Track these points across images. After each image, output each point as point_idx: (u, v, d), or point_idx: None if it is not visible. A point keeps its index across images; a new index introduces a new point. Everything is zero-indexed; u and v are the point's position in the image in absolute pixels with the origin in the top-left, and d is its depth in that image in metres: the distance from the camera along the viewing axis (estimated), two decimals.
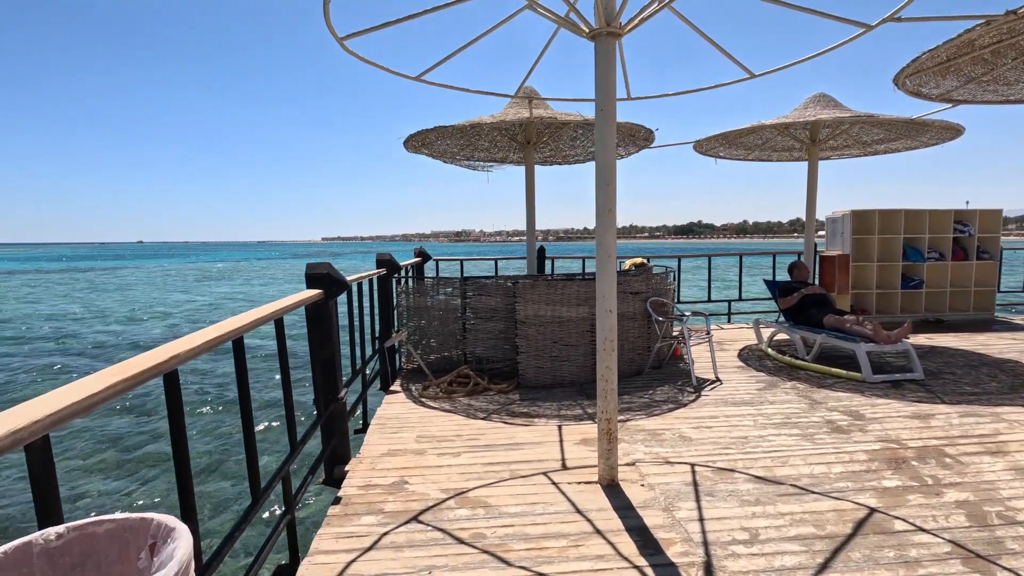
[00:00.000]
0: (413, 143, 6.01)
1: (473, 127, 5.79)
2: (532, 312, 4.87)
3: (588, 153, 7.08)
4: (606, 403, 2.92)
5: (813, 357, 5.53)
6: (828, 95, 6.26)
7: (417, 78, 3.68)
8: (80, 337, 15.09)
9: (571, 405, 4.36)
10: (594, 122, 5.32)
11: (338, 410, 3.23)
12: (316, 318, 3.10)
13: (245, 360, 2.16)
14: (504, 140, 6.82)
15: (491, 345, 5.28)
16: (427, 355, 5.51)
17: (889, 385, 4.76)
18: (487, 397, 4.65)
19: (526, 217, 6.26)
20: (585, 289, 4.90)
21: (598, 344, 2.91)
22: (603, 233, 2.82)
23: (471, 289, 5.28)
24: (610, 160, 2.81)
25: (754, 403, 4.35)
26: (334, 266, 3.23)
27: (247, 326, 2.13)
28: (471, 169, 7.48)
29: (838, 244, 7.93)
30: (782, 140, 7.33)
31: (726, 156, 7.68)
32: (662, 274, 5.56)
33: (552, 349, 4.91)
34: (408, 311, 5.57)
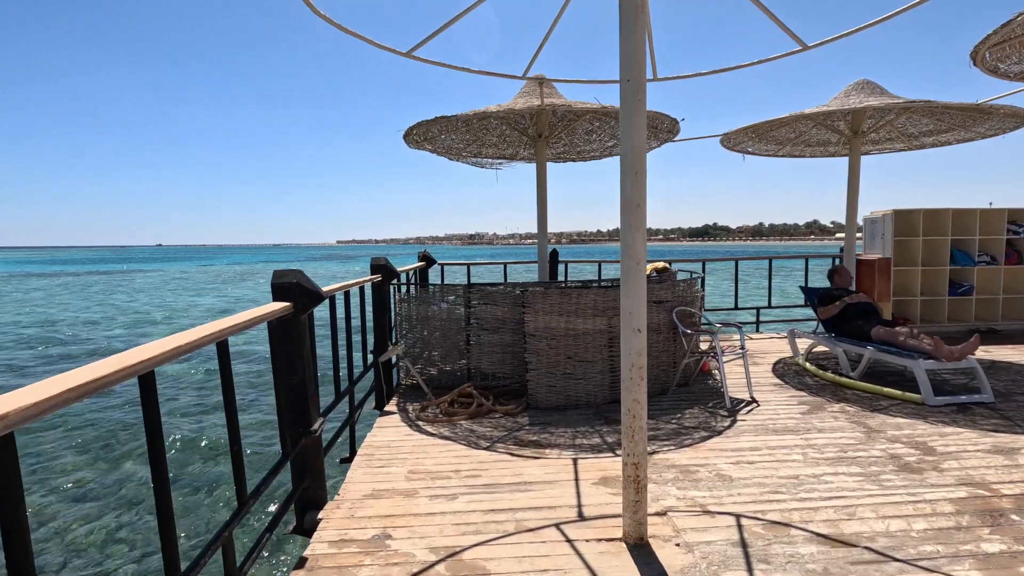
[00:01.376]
0: (415, 137, 5.50)
1: (479, 118, 5.27)
2: (543, 324, 4.32)
3: (605, 148, 6.53)
4: (634, 444, 2.36)
5: (860, 374, 4.91)
6: (872, 82, 5.65)
7: (407, 54, 3.17)
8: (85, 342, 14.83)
9: (587, 432, 3.80)
10: (614, 109, 4.79)
11: (310, 446, 2.72)
12: (283, 336, 2.59)
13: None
14: (513, 134, 6.29)
15: (497, 360, 4.75)
16: (427, 369, 4.99)
17: (954, 409, 4.13)
18: (492, 420, 4.11)
19: (538, 218, 5.72)
20: (603, 298, 4.35)
21: (623, 370, 2.36)
22: (630, 234, 2.27)
23: (476, 297, 4.76)
24: (639, 144, 2.26)
25: (800, 430, 3.76)
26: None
27: (168, 353, 1.61)
28: (478, 167, 6.97)
29: (878, 247, 7.28)
30: (818, 133, 6.71)
31: (755, 152, 7.08)
32: (689, 280, 4.99)
33: (565, 365, 4.36)
34: (407, 321, 5.06)
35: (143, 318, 19.76)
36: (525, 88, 5.43)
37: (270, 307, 2.44)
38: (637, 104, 2.23)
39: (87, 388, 1.30)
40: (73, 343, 14.71)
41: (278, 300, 2.61)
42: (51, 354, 13.21)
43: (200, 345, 1.81)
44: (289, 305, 2.57)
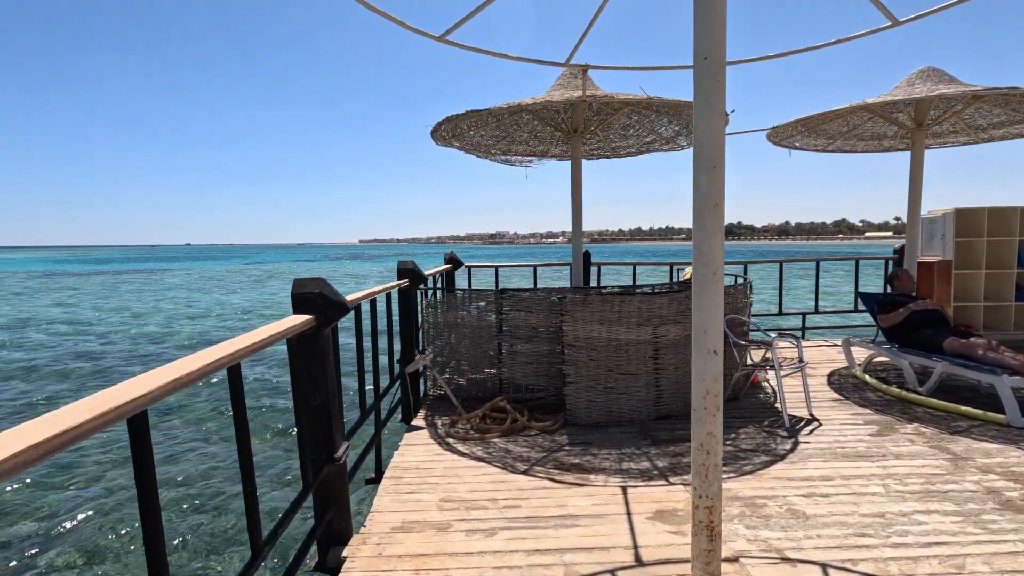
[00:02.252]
0: (442, 133, 5.22)
1: (512, 112, 4.95)
2: (582, 333, 3.99)
3: (643, 144, 6.16)
4: (707, 484, 2.02)
5: (930, 390, 4.46)
6: (939, 69, 5.18)
7: (440, 38, 2.87)
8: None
9: (634, 454, 3.46)
10: (662, 101, 4.42)
11: (334, 475, 2.44)
12: (304, 353, 2.32)
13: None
14: (546, 130, 5.96)
15: (531, 371, 4.43)
16: (455, 379, 4.70)
17: None
18: (528, 438, 3.79)
19: (572, 218, 5.38)
20: (648, 306, 4.00)
21: (695, 398, 2.02)
22: (707, 239, 1.93)
23: (508, 303, 4.45)
24: (717, 132, 1.92)
25: (873, 456, 3.36)
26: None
27: (166, 388, 1.33)
28: (507, 165, 6.66)
29: (937, 248, 6.77)
30: (874, 126, 6.24)
31: (802, 147, 6.63)
32: (739, 286, 4.60)
33: (607, 379, 4.02)
34: (435, 328, 4.77)
35: (200, 312, 19.96)
36: (560, 80, 5.10)
37: (289, 321, 2.16)
38: (716, 85, 1.89)
39: (59, 441, 1.02)
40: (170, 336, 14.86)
41: (299, 312, 2.34)
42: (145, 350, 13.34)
43: (206, 373, 1.53)
44: (311, 318, 2.29)
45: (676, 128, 5.61)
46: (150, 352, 13.36)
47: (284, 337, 2.05)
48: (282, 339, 2.05)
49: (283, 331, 2.02)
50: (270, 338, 1.91)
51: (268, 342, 1.90)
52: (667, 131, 5.73)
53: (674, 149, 6.10)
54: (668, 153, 6.46)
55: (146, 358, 12.69)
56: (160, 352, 13.38)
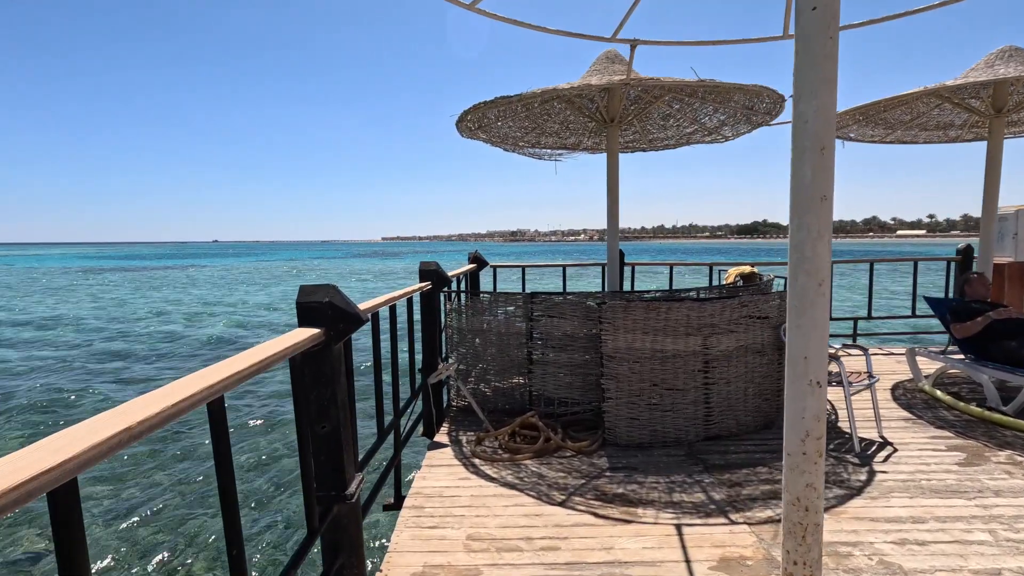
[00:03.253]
0: (468, 124, 4.85)
1: (545, 99, 4.56)
2: (624, 343, 3.58)
3: (683, 135, 5.71)
4: (805, 548, 1.62)
5: (1017, 409, 3.95)
6: (1022, 48, 4.62)
7: (470, 6, 2.49)
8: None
9: (686, 483, 3.05)
10: (716, 84, 3.95)
11: (345, 515, 2.08)
12: (311, 374, 1.97)
13: None
14: (579, 120, 5.55)
15: (564, 383, 4.04)
16: (480, 388, 4.34)
17: None
18: (562, 459, 3.41)
19: (608, 216, 4.97)
20: (697, 314, 3.57)
21: (790, 440, 1.62)
22: (810, 241, 1.52)
23: (540, 309, 4.07)
24: (827, 105, 1.51)
25: (967, 491, 2.89)
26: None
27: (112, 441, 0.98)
28: (535, 158, 6.26)
29: (1007, 249, 6.18)
30: (940, 115, 5.68)
31: (857, 138, 6.10)
32: None
33: (650, 394, 3.61)
34: (459, 333, 4.42)
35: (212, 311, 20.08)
36: (596, 65, 4.68)
37: (292, 337, 1.81)
38: (826, 44, 1.47)
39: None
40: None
41: (305, 325, 1.99)
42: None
43: (178, 414, 1.18)
44: (319, 332, 1.94)
45: (722, 117, 5.15)
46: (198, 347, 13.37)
47: (284, 358, 1.70)
48: (282, 360, 1.70)
49: (283, 351, 1.67)
50: (266, 360, 1.56)
51: (263, 366, 1.55)
52: (711, 121, 5.27)
53: (717, 141, 5.63)
54: (705, 145, 6.00)
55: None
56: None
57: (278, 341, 1.73)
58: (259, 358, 1.52)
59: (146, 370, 11.31)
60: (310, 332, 1.91)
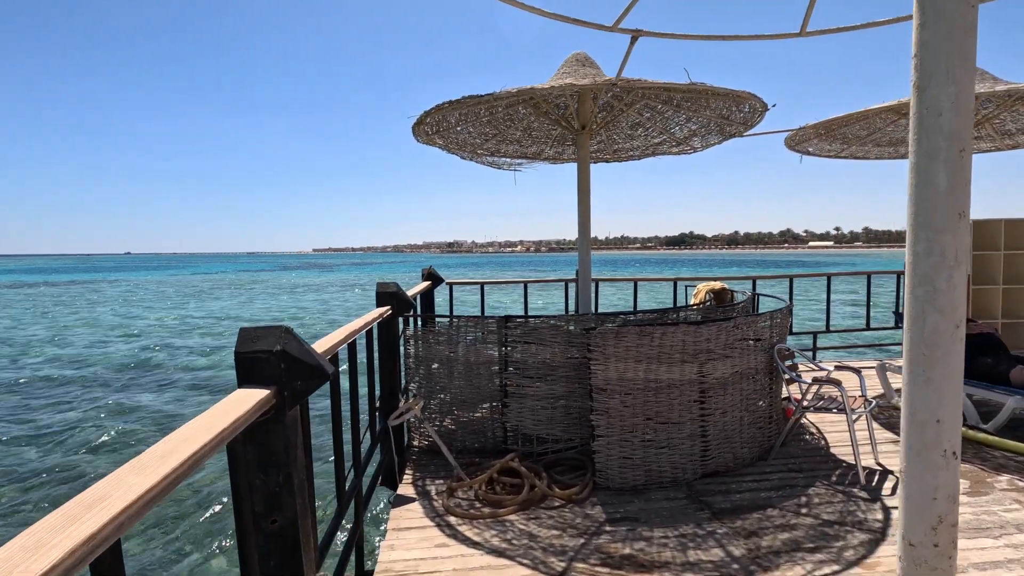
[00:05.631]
0: (426, 128, 4.35)
1: (517, 100, 4.14)
2: (615, 374, 3.19)
3: (650, 146, 5.47)
4: None
5: (998, 427, 3.89)
6: (978, 67, 4.69)
7: None
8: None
9: (697, 536, 2.67)
10: (707, 88, 3.63)
11: None
12: (255, 454, 1.42)
13: None
14: (543, 127, 5.18)
15: (545, 418, 3.60)
16: (444, 424, 3.83)
17: None
18: (551, 511, 2.96)
19: (579, 230, 4.60)
20: (693, 338, 3.24)
21: (912, 526, 1.25)
22: (942, 268, 1.17)
23: (515, 334, 3.62)
24: (966, 92, 1.16)
25: (990, 528, 2.69)
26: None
27: None
28: (494, 167, 5.84)
29: None
30: (895, 131, 5.76)
31: (816, 152, 6.10)
32: (783, 309, 3.92)
33: (644, 429, 3.24)
34: (423, 364, 3.89)
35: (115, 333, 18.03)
36: (566, 67, 4.34)
37: (227, 412, 1.26)
38: (968, 11, 1.13)
39: None
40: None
41: (248, 385, 1.44)
42: None
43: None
44: (268, 395, 1.40)
45: (693, 127, 4.94)
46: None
47: (217, 447, 1.15)
48: (213, 452, 1.15)
49: (213, 440, 1.12)
50: (190, 461, 1.02)
51: (185, 469, 1.01)
52: (682, 131, 5.05)
53: (684, 152, 5.43)
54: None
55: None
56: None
57: (211, 419, 1.19)
58: (179, 461, 0.98)
59: (33, 413, 9.44)
60: (256, 396, 1.37)
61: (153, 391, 10.51)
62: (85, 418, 8.63)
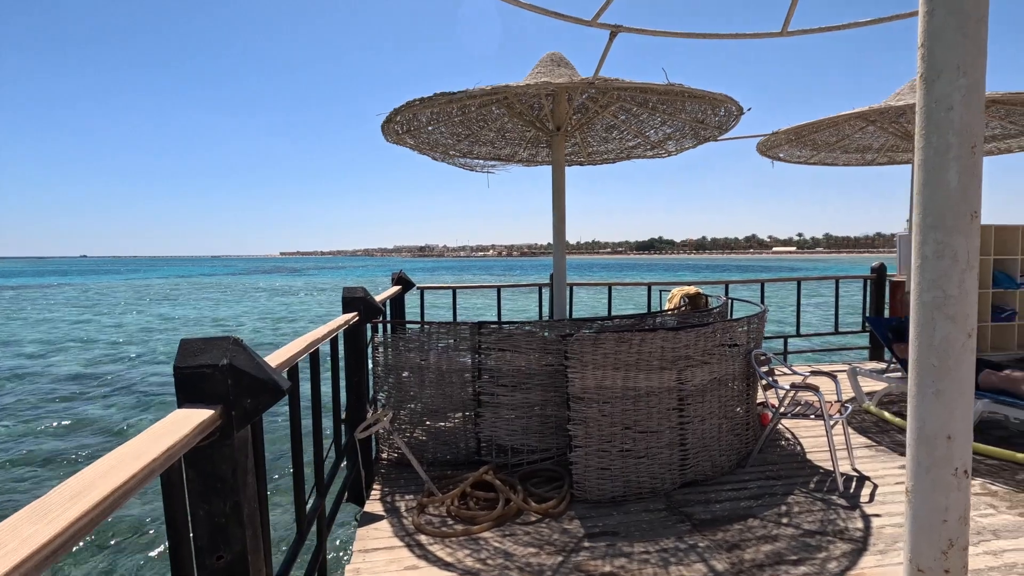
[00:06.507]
0: (396, 127, 4.20)
1: (491, 98, 4.02)
2: (593, 382, 3.09)
3: (624, 149, 5.41)
4: None
5: None
6: None
7: None
8: None
9: (679, 551, 2.57)
10: (683, 89, 3.55)
11: None
12: (204, 477, 1.26)
13: None
14: (517, 128, 5.07)
15: (520, 428, 3.48)
16: (415, 436, 3.66)
17: None
18: (526, 526, 2.83)
19: (554, 234, 4.50)
20: (672, 344, 3.17)
21: (920, 549, 1.17)
22: (953, 273, 1.11)
23: (489, 341, 3.48)
24: (979, 86, 1.09)
25: (980, 534, 2.67)
26: None
27: None
28: (467, 169, 5.71)
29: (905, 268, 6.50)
30: (863, 138, 5.86)
31: (786, 158, 6.16)
32: (760, 314, 3.89)
33: (623, 439, 3.14)
34: (392, 372, 3.71)
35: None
36: (540, 67, 4.24)
37: (164, 434, 1.10)
38: (983, 1, 1.05)
39: None
40: None
41: (190, 404, 1.27)
42: None
43: None
44: (213, 415, 1.24)
45: (668, 131, 4.90)
46: None
47: (148, 480, 0.99)
48: (150, 480, 0.99)
49: (144, 470, 0.96)
50: (109, 500, 0.86)
51: (102, 511, 0.84)
52: (657, 134, 5.01)
53: (659, 156, 5.40)
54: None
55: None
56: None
57: (135, 447, 1.02)
58: (75, 514, 0.81)
59: None
60: (197, 417, 1.21)
61: (99, 403, 9.98)
62: (22, 432, 8.10)
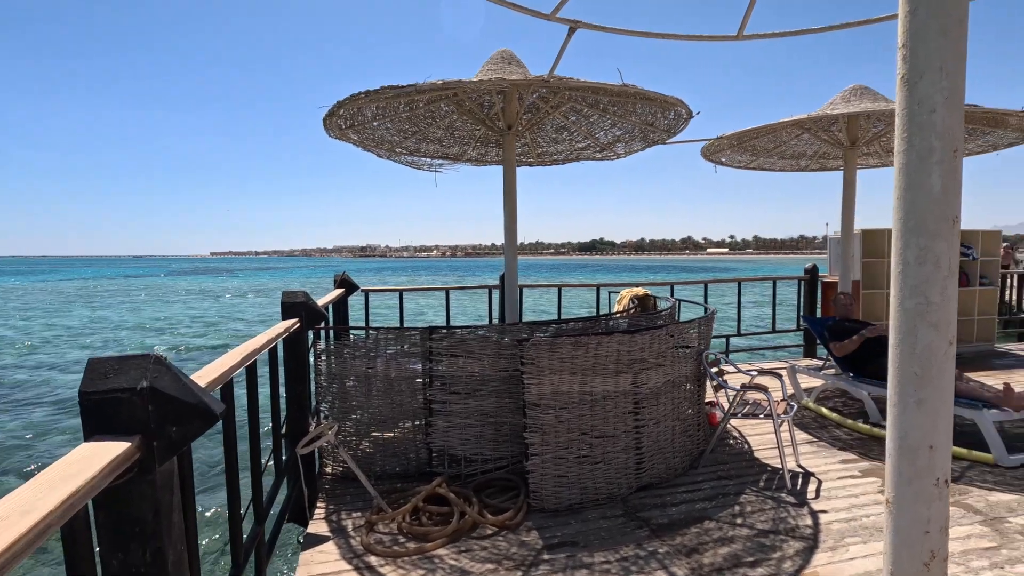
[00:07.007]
0: (339, 121, 3.97)
1: (440, 94, 3.87)
2: (550, 387, 3.01)
3: (574, 150, 5.39)
4: None
5: None
6: (870, 89, 5.06)
7: None
8: None
9: (639, 558, 2.53)
10: (638, 91, 3.53)
11: None
12: (115, 521, 1.06)
13: None
14: (466, 126, 4.94)
15: (474, 437, 3.35)
16: (362, 448, 3.47)
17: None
18: (484, 540, 2.71)
19: (505, 234, 4.40)
20: (628, 347, 3.14)
21: (901, 563, 1.14)
22: (935, 280, 1.09)
23: (441, 346, 3.34)
24: (959, 88, 1.07)
25: None
26: None
27: None
28: (413, 167, 5.52)
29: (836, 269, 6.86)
30: (798, 145, 6.11)
31: (728, 163, 6.35)
32: (708, 316, 3.94)
33: (579, 445, 3.08)
34: (336, 380, 3.50)
35: None
36: (490, 65, 4.13)
37: (55, 482, 0.91)
38: (963, 3, 1.03)
39: None
40: None
41: (100, 436, 1.08)
42: None
43: None
44: (129, 449, 1.05)
45: (617, 133, 4.92)
46: None
47: (40, 540, 0.80)
48: (43, 540, 0.80)
49: (32, 531, 0.78)
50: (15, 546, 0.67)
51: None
52: (606, 136, 5.01)
53: (608, 158, 5.42)
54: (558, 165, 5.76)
55: None
56: None
57: (24, 498, 0.83)
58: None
59: None
60: (109, 452, 1.02)
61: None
62: None
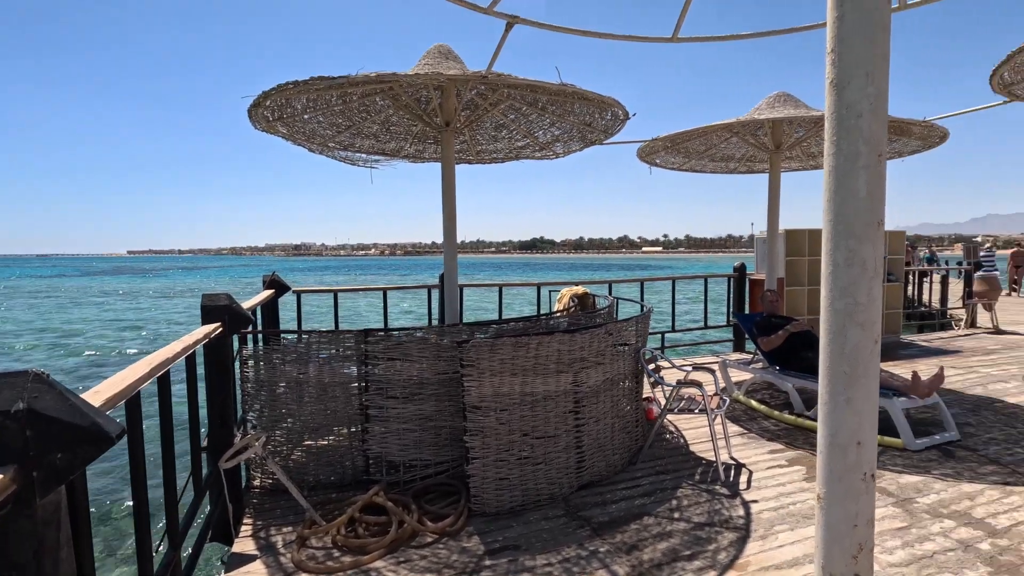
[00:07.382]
0: (266, 112, 3.74)
1: (374, 87, 3.72)
2: (490, 389, 2.96)
3: (513, 149, 5.36)
4: None
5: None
6: (792, 95, 5.33)
7: None
8: None
9: (581, 559, 2.53)
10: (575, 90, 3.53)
11: None
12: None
13: None
14: (403, 122, 4.81)
15: (413, 442, 3.26)
16: (293, 458, 3.29)
17: (940, 454, 3.72)
18: (424, 549, 2.63)
19: (444, 234, 4.30)
20: (568, 347, 3.13)
21: (831, 557, 1.17)
22: (862, 280, 1.14)
23: (377, 349, 3.21)
24: (884, 93, 1.11)
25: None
26: None
27: None
28: (348, 163, 5.31)
29: (763, 267, 7.23)
30: (727, 148, 6.36)
31: (662, 164, 6.52)
32: (647, 313, 4.02)
33: (521, 447, 3.05)
34: (264, 388, 3.29)
35: None
36: (427, 59, 4.03)
37: None
38: (885, 10, 1.06)
39: None
40: None
41: None
42: None
43: None
44: (2, 482, 0.90)
45: (556, 132, 4.93)
46: None
47: None
48: None
49: None
50: None
51: None
52: (545, 136, 5.02)
53: (547, 157, 5.43)
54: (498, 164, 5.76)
55: None
56: None
57: None
58: None
59: None
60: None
61: None
62: None
